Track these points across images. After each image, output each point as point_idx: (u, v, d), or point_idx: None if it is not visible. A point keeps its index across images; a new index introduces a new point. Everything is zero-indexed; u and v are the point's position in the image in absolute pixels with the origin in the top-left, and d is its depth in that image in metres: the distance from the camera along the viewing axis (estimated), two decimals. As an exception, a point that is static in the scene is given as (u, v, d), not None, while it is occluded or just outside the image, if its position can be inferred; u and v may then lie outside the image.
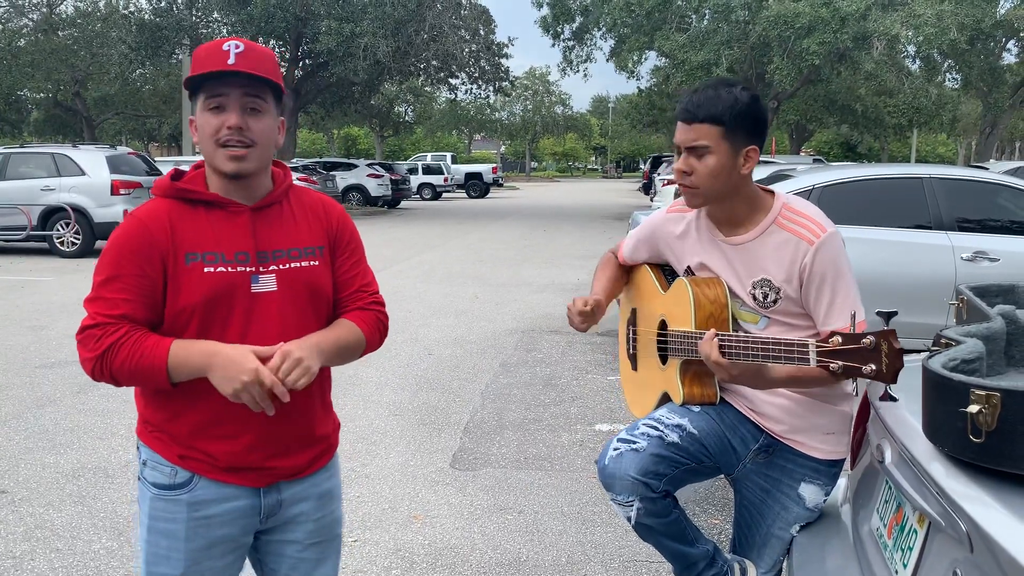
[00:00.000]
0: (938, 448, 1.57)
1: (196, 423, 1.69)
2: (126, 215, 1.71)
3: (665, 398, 2.29)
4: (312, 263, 1.76)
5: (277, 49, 25.91)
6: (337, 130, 59.01)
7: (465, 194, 39.00)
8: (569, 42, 25.74)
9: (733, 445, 2.18)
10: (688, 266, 2.27)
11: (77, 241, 13.62)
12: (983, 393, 1.42)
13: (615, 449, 2.13)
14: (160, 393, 1.69)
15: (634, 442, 2.12)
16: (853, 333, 1.69)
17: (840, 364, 1.70)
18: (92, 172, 13.55)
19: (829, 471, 2.18)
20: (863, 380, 1.75)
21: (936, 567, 1.49)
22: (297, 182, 1.83)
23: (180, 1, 25.01)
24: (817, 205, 2.53)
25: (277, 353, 1.61)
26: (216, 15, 25.81)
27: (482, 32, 28.53)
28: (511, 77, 30.16)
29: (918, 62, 24.83)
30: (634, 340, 2.47)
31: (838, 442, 2.18)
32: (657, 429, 2.14)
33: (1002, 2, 23.42)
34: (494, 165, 43.10)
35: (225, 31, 25.61)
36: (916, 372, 1.79)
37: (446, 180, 36.54)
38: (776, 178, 6.79)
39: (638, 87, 30.69)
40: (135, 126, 43.56)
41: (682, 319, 2.15)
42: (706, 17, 21.86)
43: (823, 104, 30.17)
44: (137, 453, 1.78)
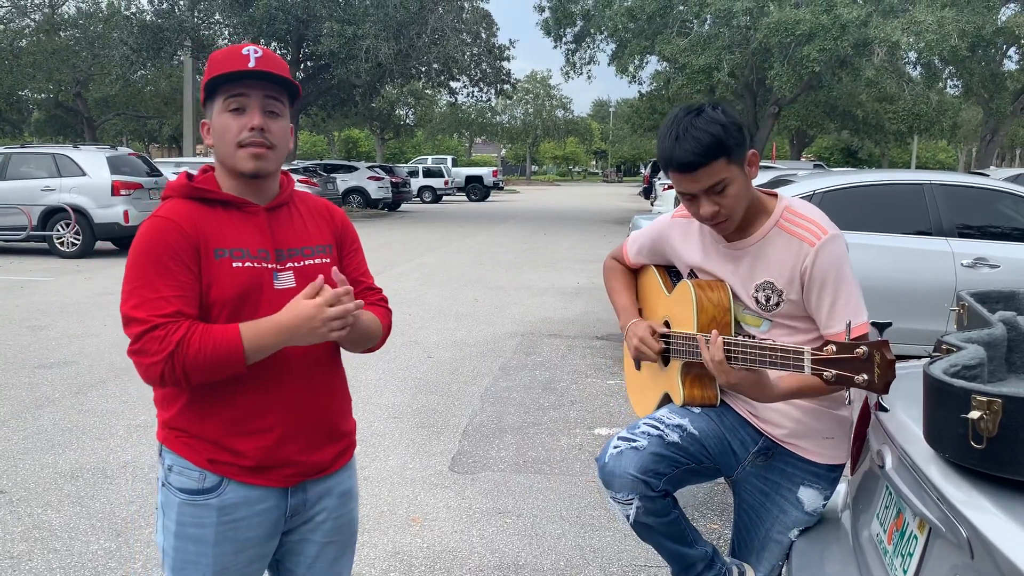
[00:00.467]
0: (939, 454, 1.57)
1: (229, 420, 1.69)
2: (148, 218, 1.69)
3: (666, 399, 2.30)
4: (324, 260, 1.79)
5: (279, 51, 25.90)
6: (338, 132, 59.13)
7: (465, 197, 39.05)
8: (571, 45, 25.78)
9: (733, 447, 2.18)
10: (692, 269, 2.28)
11: (77, 242, 13.63)
12: (984, 399, 1.43)
13: (615, 447, 2.14)
14: (193, 393, 1.68)
15: (635, 440, 2.13)
16: (848, 342, 1.70)
17: (833, 373, 1.71)
18: (93, 173, 13.56)
19: (828, 476, 2.19)
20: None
21: (936, 573, 1.49)
22: (298, 184, 1.84)
23: (182, 3, 25.00)
24: (818, 210, 2.53)
25: (323, 288, 1.63)
26: (218, 17, 25.78)
27: (484, 35, 28.53)
28: (512, 80, 30.17)
29: (919, 69, 24.85)
30: None
31: (837, 447, 2.18)
32: (658, 428, 2.15)
33: (1003, 9, 23.49)
34: (494, 168, 43.09)
35: (227, 33, 25.62)
36: (917, 378, 1.79)
37: (446, 183, 36.60)
38: (777, 183, 6.79)
39: (639, 91, 30.74)
40: (136, 127, 43.65)
41: (685, 321, 2.15)
42: (707, 22, 21.87)
43: (824, 110, 30.23)
44: (160, 459, 1.77)
